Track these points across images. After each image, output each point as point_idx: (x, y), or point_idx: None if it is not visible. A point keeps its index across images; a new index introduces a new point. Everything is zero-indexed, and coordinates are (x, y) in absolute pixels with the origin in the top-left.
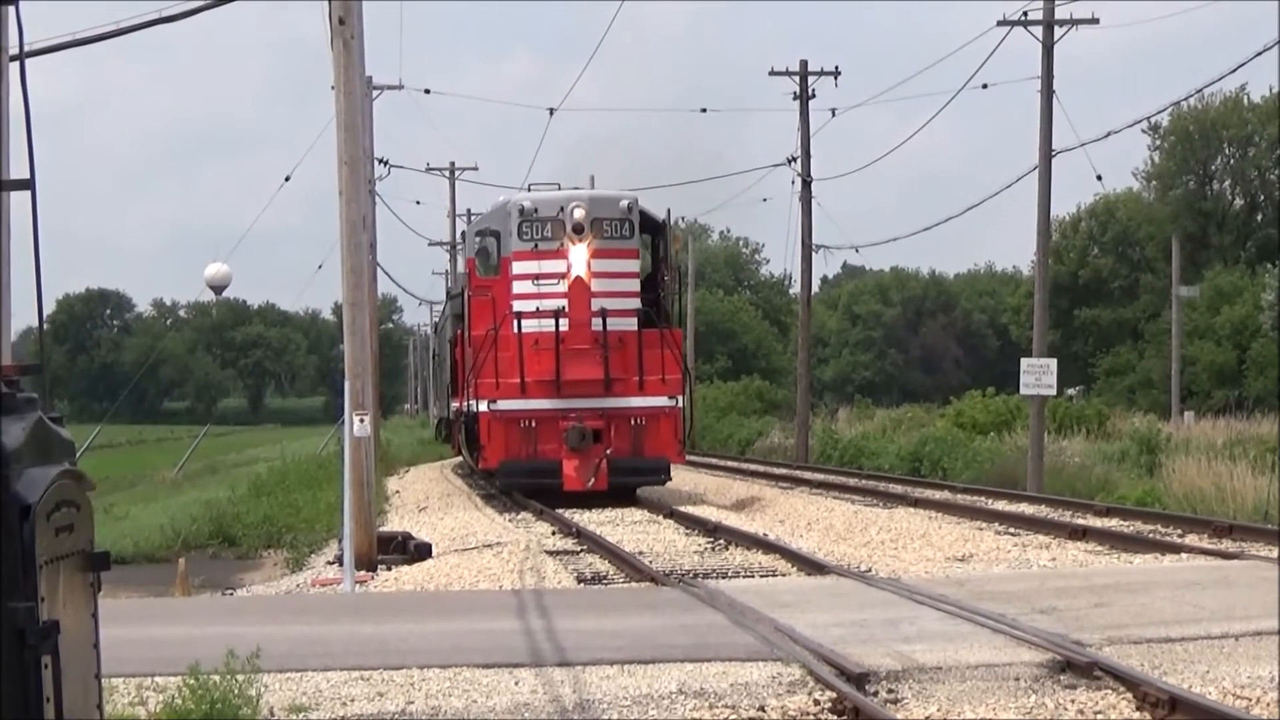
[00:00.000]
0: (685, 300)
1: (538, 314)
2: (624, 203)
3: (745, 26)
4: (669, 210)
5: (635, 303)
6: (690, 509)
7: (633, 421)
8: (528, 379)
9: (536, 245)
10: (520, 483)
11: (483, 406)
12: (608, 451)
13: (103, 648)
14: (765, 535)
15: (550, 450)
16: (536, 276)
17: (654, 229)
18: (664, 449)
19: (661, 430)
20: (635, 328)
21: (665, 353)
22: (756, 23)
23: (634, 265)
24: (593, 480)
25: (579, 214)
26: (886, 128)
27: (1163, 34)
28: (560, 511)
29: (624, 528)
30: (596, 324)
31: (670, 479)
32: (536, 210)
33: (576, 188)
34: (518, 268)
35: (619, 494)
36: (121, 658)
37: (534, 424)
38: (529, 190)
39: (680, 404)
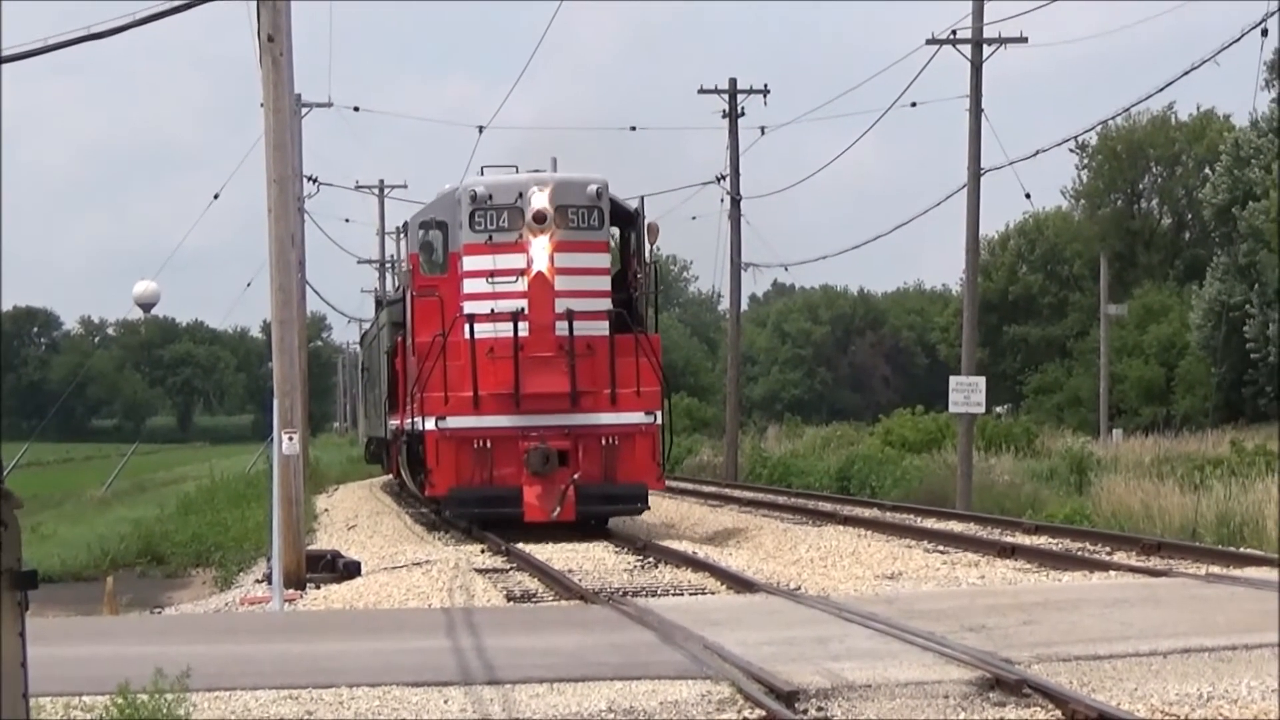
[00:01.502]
0: (659, 301)
1: (493, 316)
2: (592, 188)
3: (681, 46)
4: (642, 199)
5: (606, 303)
6: (620, 526)
7: (604, 441)
8: (482, 392)
9: (491, 237)
10: (473, 513)
11: (430, 424)
12: (575, 476)
13: (30, 666)
14: (695, 553)
15: (508, 475)
16: (491, 273)
17: (625, 220)
18: (640, 473)
19: (637, 451)
20: (606, 332)
21: (641, 361)
22: (692, 42)
23: (604, 260)
24: (558, 510)
25: (541, 200)
26: (824, 145)
27: (1091, 53)
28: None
29: (553, 546)
30: (561, 328)
31: (648, 508)
32: (491, 196)
33: (537, 170)
34: (469, 263)
35: (588, 526)
36: (49, 676)
37: (489, 444)
38: (482, 173)
39: (659, 420)
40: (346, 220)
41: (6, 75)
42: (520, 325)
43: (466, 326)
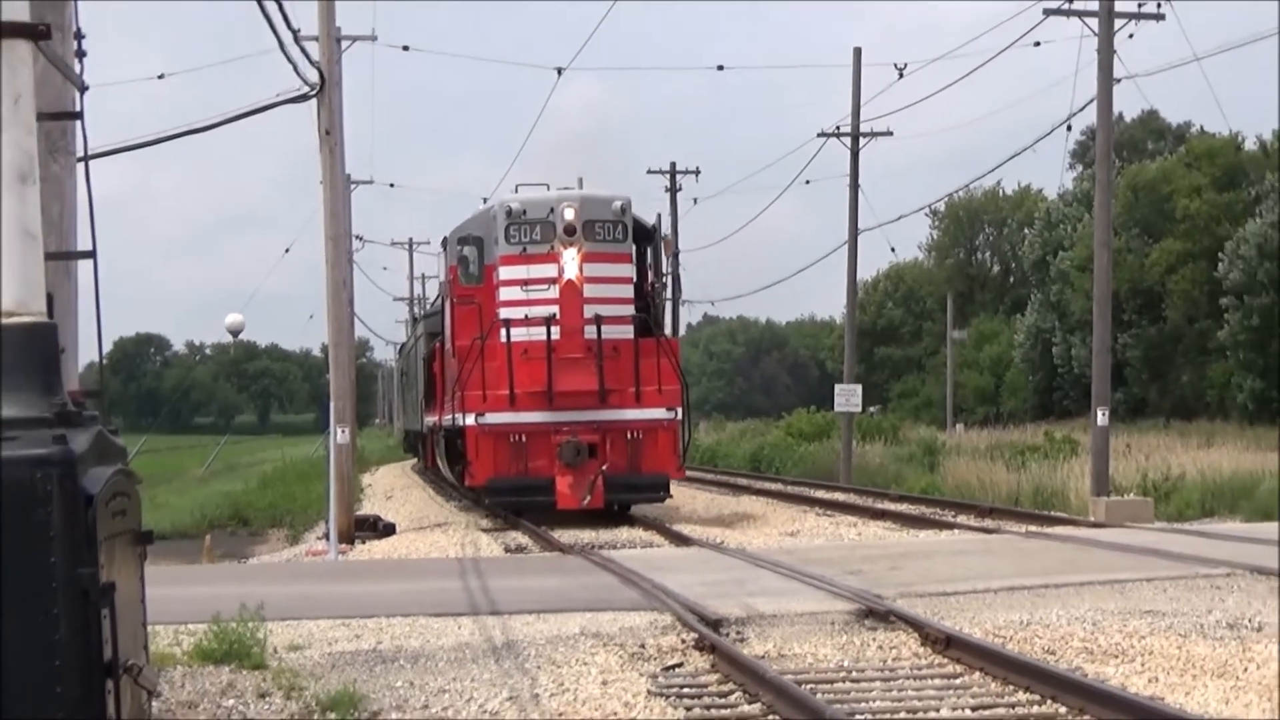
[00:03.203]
0: (679, 308)
1: (527, 321)
2: (617, 204)
3: (635, 137)
4: (659, 215)
5: (630, 309)
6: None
7: (629, 435)
8: (518, 390)
9: (525, 249)
10: (510, 501)
11: (470, 420)
12: (603, 467)
13: (148, 603)
14: (646, 515)
15: (542, 466)
16: (525, 282)
17: (644, 235)
18: (663, 464)
19: (660, 444)
20: (631, 335)
21: (662, 361)
22: (644, 135)
23: (628, 270)
24: (588, 498)
25: (570, 215)
26: (745, 210)
27: (943, 143)
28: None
29: (538, 512)
30: (590, 331)
31: (670, 496)
32: (525, 212)
33: (566, 188)
34: (505, 273)
35: (614, 513)
36: (162, 611)
37: (524, 438)
38: (516, 190)
39: (679, 416)
40: (384, 268)
41: (135, 159)
42: (552, 329)
43: (503, 330)
